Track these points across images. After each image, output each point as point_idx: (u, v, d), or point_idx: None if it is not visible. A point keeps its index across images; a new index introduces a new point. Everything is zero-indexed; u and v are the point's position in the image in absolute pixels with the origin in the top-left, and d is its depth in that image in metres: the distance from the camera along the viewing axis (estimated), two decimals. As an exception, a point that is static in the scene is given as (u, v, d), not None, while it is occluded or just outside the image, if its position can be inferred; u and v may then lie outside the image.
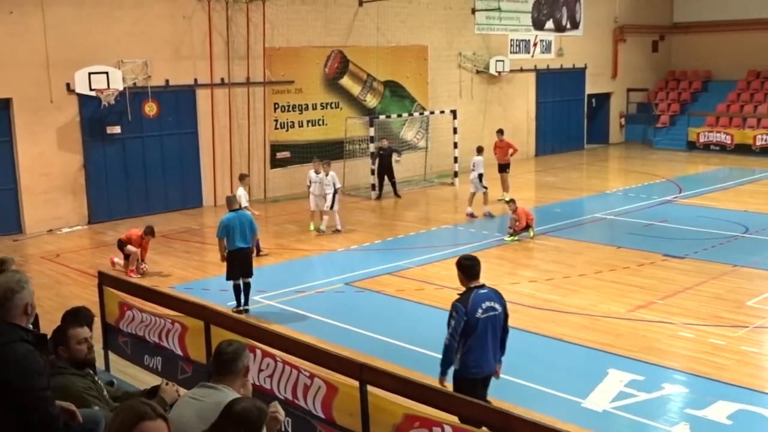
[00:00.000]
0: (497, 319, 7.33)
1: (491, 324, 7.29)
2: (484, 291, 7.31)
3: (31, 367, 4.49)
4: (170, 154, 21.24)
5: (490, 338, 7.31)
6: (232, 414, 4.00)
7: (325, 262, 15.87)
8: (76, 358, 5.32)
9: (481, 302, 7.21)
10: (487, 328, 7.26)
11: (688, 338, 11.03)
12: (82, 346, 5.35)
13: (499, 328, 7.38)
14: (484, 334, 7.26)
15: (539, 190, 24.27)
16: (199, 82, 21.49)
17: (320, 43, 23.94)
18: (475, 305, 7.18)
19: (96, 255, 16.86)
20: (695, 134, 32.07)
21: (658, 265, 14.81)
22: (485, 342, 7.29)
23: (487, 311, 7.23)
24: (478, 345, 7.26)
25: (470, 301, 7.18)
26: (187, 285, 13.98)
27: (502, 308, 7.38)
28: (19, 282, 4.69)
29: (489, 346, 7.33)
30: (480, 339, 7.26)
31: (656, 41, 36.36)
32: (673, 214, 19.40)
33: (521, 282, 13.94)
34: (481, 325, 7.21)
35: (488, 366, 7.44)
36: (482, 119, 28.20)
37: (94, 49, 19.28)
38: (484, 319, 7.21)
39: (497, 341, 7.44)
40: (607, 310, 12.25)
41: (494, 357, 7.44)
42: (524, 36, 30.54)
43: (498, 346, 7.49)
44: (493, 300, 7.32)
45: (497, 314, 7.32)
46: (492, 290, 7.43)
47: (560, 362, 10.29)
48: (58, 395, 4.83)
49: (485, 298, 7.26)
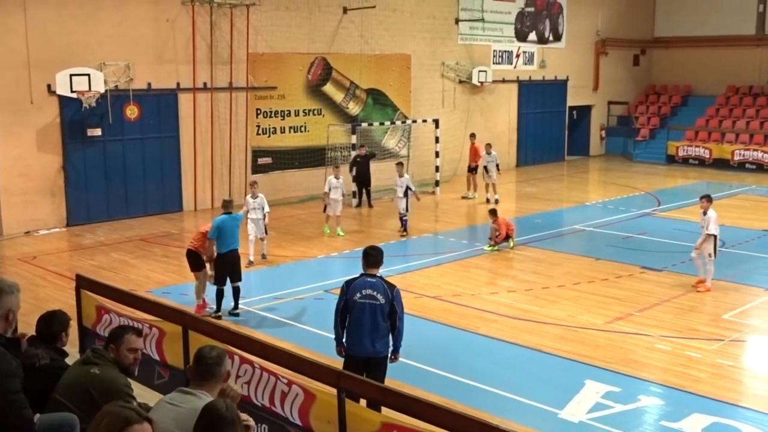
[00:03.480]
0: (377, 308, 7.88)
1: (370, 310, 7.87)
2: (371, 280, 7.95)
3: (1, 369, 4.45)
4: (151, 157, 21.14)
5: (366, 323, 7.88)
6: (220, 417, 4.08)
7: (305, 269, 15.82)
8: (122, 362, 5.42)
9: (362, 288, 7.90)
10: (363, 312, 7.87)
11: (665, 350, 11.10)
12: (131, 354, 5.46)
13: (380, 316, 7.90)
14: (360, 317, 7.89)
15: (520, 200, 24.36)
16: (182, 86, 21.41)
17: (304, 49, 23.95)
18: (355, 289, 7.92)
19: (74, 258, 16.73)
20: (674, 148, 32.34)
21: (636, 277, 14.90)
22: (360, 325, 7.91)
23: (365, 297, 7.88)
24: (353, 327, 7.97)
25: (353, 284, 7.97)
26: (166, 289, 13.89)
27: (386, 300, 7.89)
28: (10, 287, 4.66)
29: (365, 329, 7.90)
30: (355, 321, 7.94)
31: (637, 55, 36.69)
32: (652, 226, 19.54)
33: (500, 292, 13.98)
34: (357, 308, 7.89)
35: (362, 347, 7.95)
36: (464, 129, 28.24)
37: (75, 51, 19.17)
38: (361, 303, 7.87)
39: (377, 328, 7.92)
40: (585, 321, 12.31)
41: (372, 342, 7.92)
42: (507, 47, 30.71)
43: (378, 333, 7.93)
44: (376, 290, 7.90)
45: (377, 304, 7.89)
46: (381, 282, 7.95)
47: (538, 373, 10.32)
48: (100, 385, 4.99)
49: (368, 285, 7.91)
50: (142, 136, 20.92)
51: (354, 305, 7.92)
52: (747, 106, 33.58)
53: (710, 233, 13.75)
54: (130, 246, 17.63)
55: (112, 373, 5.21)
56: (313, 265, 16.07)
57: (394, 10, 26.04)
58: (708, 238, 13.82)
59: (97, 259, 16.40)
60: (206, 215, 21.11)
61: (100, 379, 5.10)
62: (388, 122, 25.71)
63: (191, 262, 12.66)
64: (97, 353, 5.32)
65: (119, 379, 5.23)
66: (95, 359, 5.24)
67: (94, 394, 5.00)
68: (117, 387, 5.14)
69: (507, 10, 30.41)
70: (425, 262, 16.10)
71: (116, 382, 5.18)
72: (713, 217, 13.83)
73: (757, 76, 34.05)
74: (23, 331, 5.79)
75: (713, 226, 13.76)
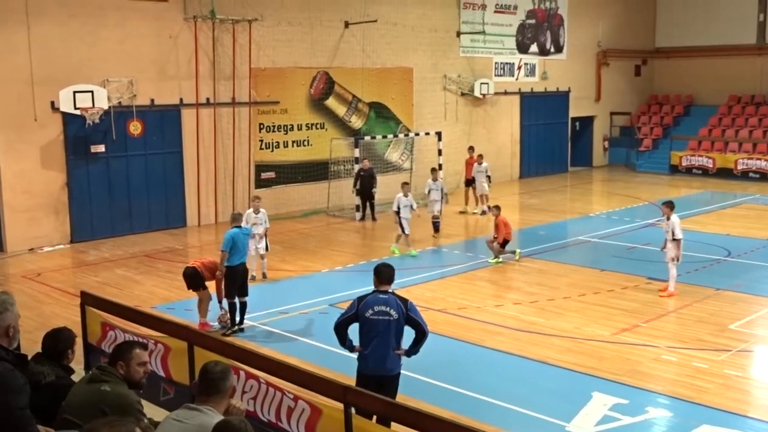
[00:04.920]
0: (390, 324, 7.79)
1: (383, 326, 7.79)
2: (383, 296, 7.88)
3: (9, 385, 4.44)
4: (154, 173, 21.17)
5: (377, 340, 7.80)
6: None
7: (309, 283, 15.80)
8: (132, 377, 5.40)
9: (374, 304, 7.82)
10: (376, 328, 7.79)
11: (672, 361, 11.05)
12: (141, 368, 5.45)
13: (393, 332, 7.83)
14: (372, 334, 7.81)
15: (523, 212, 24.35)
16: (185, 102, 21.47)
17: (306, 64, 24.01)
18: (368, 305, 7.83)
19: (78, 274, 16.73)
20: (678, 158, 32.32)
21: (642, 288, 14.86)
22: (370, 341, 7.84)
23: (378, 314, 7.80)
24: (363, 344, 7.92)
25: (365, 300, 7.89)
26: (170, 305, 13.89)
27: (400, 315, 7.80)
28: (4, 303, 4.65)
29: (376, 347, 7.82)
30: (366, 338, 7.87)
31: (639, 65, 36.75)
32: (657, 237, 19.37)
33: (505, 304, 13.94)
34: (369, 324, 7.81)
35: (372, 365, 7.88)
36: (467, 141, 28.24)
37: (79, 68, 19.24)
38: (373, 320, 7.79)
39: (389, 345, 7.84)
40: (591, 333, 12.27)
41: (384, 359, 7.84)
42: (509, 59, 30.77)
43: (390, 351, 7.85)
44: (389, 305, 7.82)
45: (391, 320, 7.79)
46: (394, 298, 7.88)
47: (544, 385, 10.28)
48: (114, 402, 4.96)
49: (380, 301, 7.83)
50: (146, 152, 20.96)
51: (366, 322, 7.83)
52: (749, 115, 33.58)
53: (676, 238, 14.16)
54: (134, 262, 17.62)
55: (123, 390, 5.20)
56: (317, 280, 16.05)
57: (396, 24, 26.12)
58: (674, 243, 14.18)
59: (102, 275, 16.40)
60: (210, 230, 21.20)
61: (112, 397, 5.08)
62: (391, 135, 25.76)
63: (191, 281, 12.60)
64: (104, 370, 5.30)
65: (131, 395, 5.22)
66: (104, 377, 5.23)
67: (108, 412, 4.99)
68: (130, 403, 5.13)
69: (508, 23, 30.49)
70: (430, 275, 16.07)
71: (129, 399, 5.17)
72: (676, 222, 14.28)
73: (758, 85, 34.08)
74: (26, 352, 5.78)
75: (678, 231, 14.18)
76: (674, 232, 14.15)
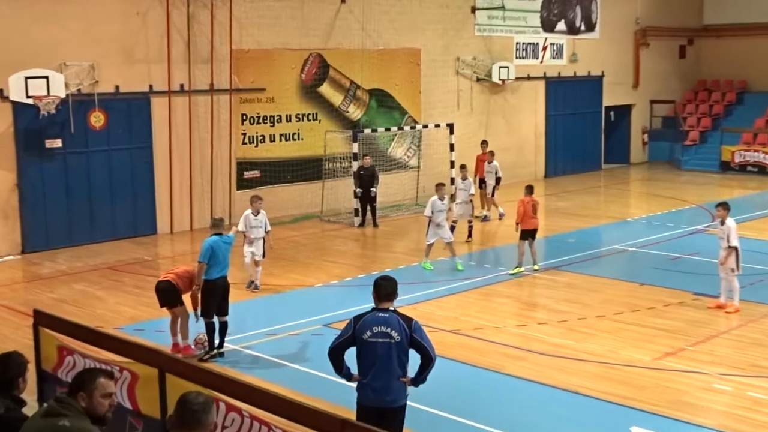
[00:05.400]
0: (391, 348, 7.75)
1: (383, 350, 7.75)
2: (383, 315, 7.82)
3: None
4: (120, 172, 21.20)
5: (378, 366, 7.77)
6: None
7: (301, 300, 15.80)
8: (95, 411, 5.37)
9: (373, 324, 7.77)
10: (375, 353, 7.76)
11: (724, 391, 11.04)
12: (105, 400, 5.42)
13: (395, 357, 7.78)
14: (371, 360, 7.79)
15: (549, 217, 24.34)
16: (155, 89, 21.52)
17: (296, 45, 24.06)
18: (365, 326, 7.79)
19: (30, 290, 16.75)
20: (729, 153, 32.34)
21: (688, 305, 14.86)
22: (370, 369, 7.80)
23: (376, 336, 7.75)
24: (361, 371, 7.90)
25: (362, 320, 7.85)
26: (138, 325, 13.89)
27: (403, 337, 7.74)
28: None
29: (377, 374, 7.79)
30: (365, 365, 7.85)
31: (684, 46, 36.76)
32: (705, 245, 19.45)
33: (529, 324, 13.94)
34: (368, 348, 7.78)
35: (373, 395, 7.85)
36: (483, 134, 28.32)
37: (32, 51, 19.28)
38: (371, 343, 7.75)
39: (391, 372, 7.80)
40: (628, 357, 12.26)
41: (386, 390, 7.81)
42: (532, 39, 30.82)
43: (392, 378, 7.82)
44: (390, 326, 7.76)
45: (392, 342, 7.74)
46: (396, 317, 7.82)
47: (574, 418, 10.27)
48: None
49: (380, 321, 7.78)
50: (109, 148, 21.01)
51: (364, 345, 7.79)
52: (813, 103, 33.61)
53: (732, 245, 14.14)
54: (96, 276, 17.64)
55: (84, 425, 5.18)
56: (309, 296, 16.05)
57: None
58: (730, 251, 14.17)
59: (58, 291, 16.42)
60: (184, 239, 21.24)
61: None
62: (395, 128, 25.78)
63: (165, 298, 12.60)
64: (63, 403, 5.29)
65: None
66: (62, 410, 5.21)
67: None
68: None
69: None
70: (441, 290, 16.07)
71: None
72: (733, 227, 14.23)
73: (824, 68, 34.12)
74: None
75: (734, 238, 14.14)
76: (730, 239, 14.14)
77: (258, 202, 16.17)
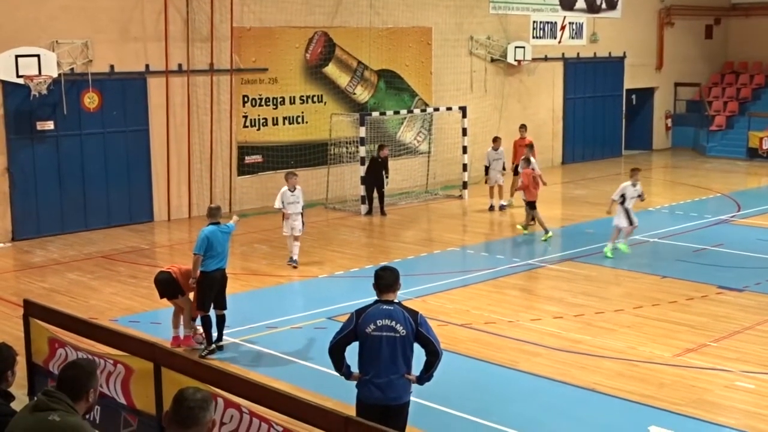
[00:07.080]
0: (396, 342, 7.75)
1: (387, 345, 7.74)
2: (387, 307, 7.82)
3: None
4: (115, 156, 21.23)
5: (382, 362, 7.75)
6: None
7: (303, 292, 15.85)
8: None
9: (376, 318, 7.76)
10: (379, 348, 7.74)
11: (748, 390, 11.03)
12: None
13: (400, 352, 7.78)
14: (374, 355, 7.76)
15: (567, 205, 24.33)
16: (152, 69, 21.53)
17: (300, 22, 24.03)
18: (368, 319, 7.77)
19: (21, 279, 16.81)
20: (757, 139, 32.23)
21: (712, 299, 14.83)
22: (374, 364, 7.78)
23: (381, 329, 7.73)
24: (364, 367, 7.86)
25: (366, 313, 7.83)
26: (133, 317, 13.92)
27: (408, 331, 7.73)
28: None
29: (380, 370, 7.77)
30: (368, 360, 7.82)
31: (710, 26, 36.61)
32: (730, 236, 19.46)
33: (544, 318, 13.94)
34: (371, 343, 7.76)
35: (377, 392, 7.81)
36: (498, 118, 28.29)
37: (22, 28, 19.29)
38: (375, 337, 7.73)
39: (395, 368, 7.79)
40: (648, 354, 12.26)
41: (389, 387, 7.78)
42: (550, 17, 30.73)
43: (397, 374, 7.82)
44: (394, 319, 7.74)
45: (396, 336, 7.73)
46: (401, 309, 7.82)
47: (591, 417, 10.28)
48: None
49: (383, 314, 7.76)
50: (104, 130, 21.03)
51: (367, 339, 7.76)
52: None
53: None
54: (90, 265, 17.69)
55: (75, 420, 5.22)
56: (313, 287, 16.08)
57: (411, -26, 26.16)
58: None
59: (50, 280, 16.47)
60: (182, 226, 21.28)
61: (62, 428, 5.10)
62: (405, 111, 25.74)
63: (165, 289, 12.64)
64: (52, 397, 5.32)
65: (85, 427, 5.25)
66: (52, 404, 5.25)
67: None
68: None
69: (549, -28, 30.50)
70: (451, 282, 16.07)
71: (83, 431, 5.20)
72: None
73: None
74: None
75: None
76: None
77: (294, 177, 17.09)
